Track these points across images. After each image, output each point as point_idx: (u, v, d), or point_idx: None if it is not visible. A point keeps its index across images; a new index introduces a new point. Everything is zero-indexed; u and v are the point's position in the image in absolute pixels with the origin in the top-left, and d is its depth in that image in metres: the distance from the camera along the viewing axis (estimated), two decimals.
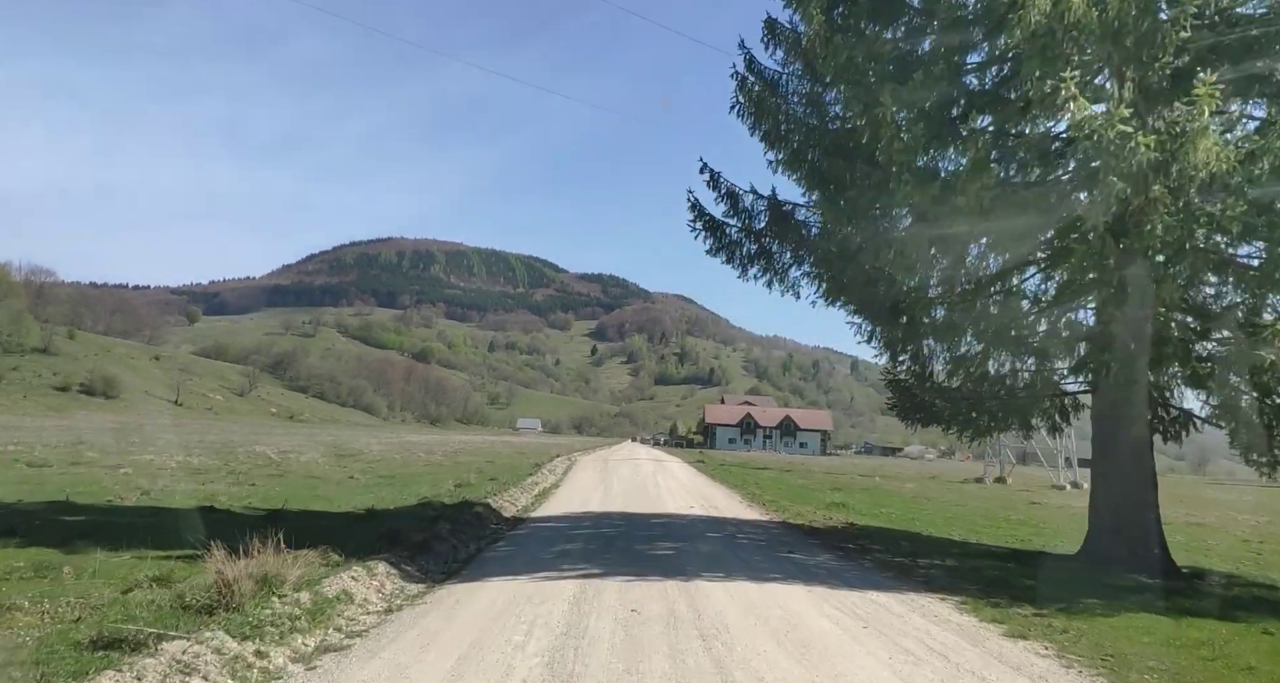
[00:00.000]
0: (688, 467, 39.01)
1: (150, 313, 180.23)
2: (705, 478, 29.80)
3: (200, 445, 30.12)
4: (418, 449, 37.32)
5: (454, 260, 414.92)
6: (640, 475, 28.83)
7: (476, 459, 30.30)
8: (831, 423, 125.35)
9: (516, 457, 34.32)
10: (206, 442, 34.09)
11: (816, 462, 61.93)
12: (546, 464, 28.78)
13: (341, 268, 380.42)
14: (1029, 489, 35.14)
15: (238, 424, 76.77)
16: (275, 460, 23.21)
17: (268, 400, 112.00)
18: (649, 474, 29.91)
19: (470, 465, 24.94)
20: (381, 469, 22.69)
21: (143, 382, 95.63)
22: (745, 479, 28.53)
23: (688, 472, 34.02)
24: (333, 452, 30.17)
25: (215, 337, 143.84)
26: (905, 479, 37.84)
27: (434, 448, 39.74)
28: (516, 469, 24.72)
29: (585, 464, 35.23)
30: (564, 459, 36.14)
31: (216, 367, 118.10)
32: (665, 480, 26.78)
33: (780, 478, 31.63)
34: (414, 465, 25.15)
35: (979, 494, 29.72)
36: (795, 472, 39.15)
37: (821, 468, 47.59)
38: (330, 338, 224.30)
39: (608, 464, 36.33)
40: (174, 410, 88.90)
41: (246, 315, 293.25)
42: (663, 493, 21.43)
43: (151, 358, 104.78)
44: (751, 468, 40.70)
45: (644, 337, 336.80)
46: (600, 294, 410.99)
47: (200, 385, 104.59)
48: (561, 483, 22.94)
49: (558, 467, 29.79)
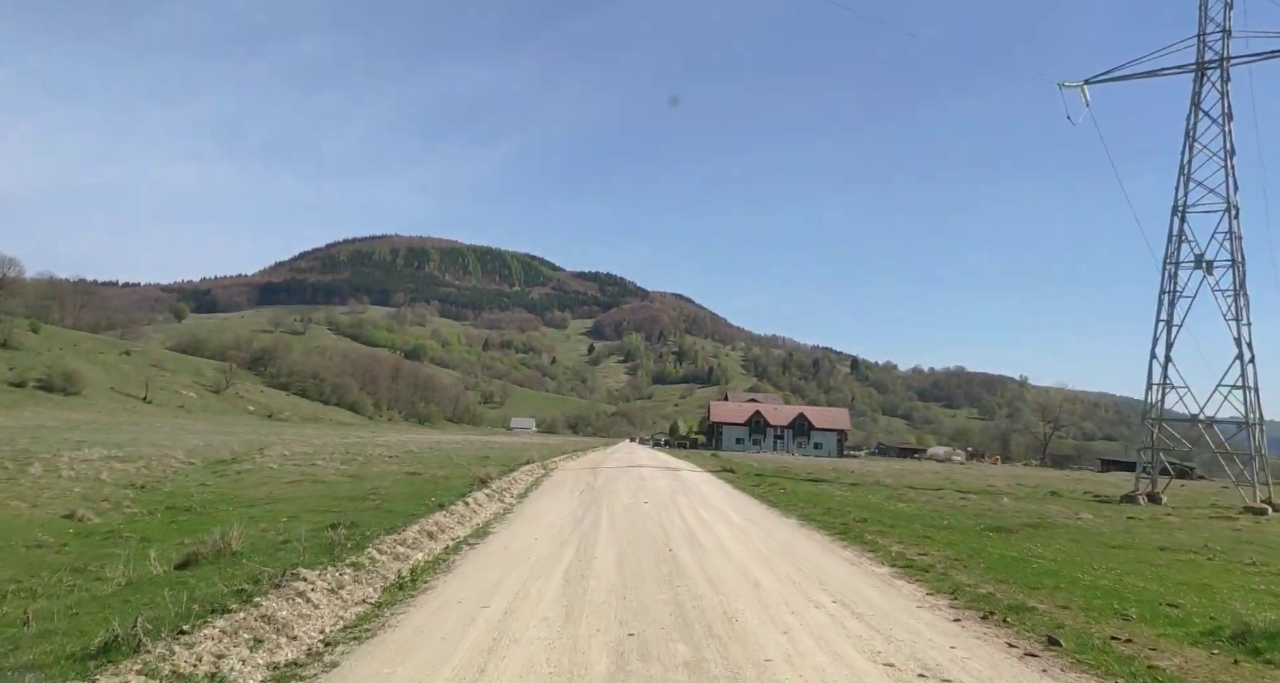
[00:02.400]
0: (714, 480, 26.75)
1: (125, 308, 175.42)
2: (762, 505, 17.80)
3: (126, 445, 25.40)
4: (352, 452, 28.60)
5: (449, 258, 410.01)
6: (654, 507, 16.29)
7: (395, 471, 20.54)
8: (849, 422, 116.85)
9: (470, 465, 23.91)
10: (134, 441, 29.14)
11: (849, 466, 51.30)
12: (498, 479, 18.59)
13: (335, 265, 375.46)
14: (1215, 511, 23.91)
15: (205, 422, 71.95)
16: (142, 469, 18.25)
17: (246, 398, 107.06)
18: (666, 501, 17.58)
19: (367, 489, 15.60)
20: (190, 496, 14.02)
21: (110, 378, 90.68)
22: (828, 507, 17.24)
23: (722, 491, 21.63)
24: (225, 457, 24.17)
25: (196, 333, 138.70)
26: (1020, 499, 24.35)
27: (371, 452, 29.44)
28: (439, 490, 15.26)
29: (563, 480, 23.17)
30: (536, 468, 25.71)
31: (193, 363, 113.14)
32: (707, 525, 13.88)
33: (866, 500, 20.15)
34: (275, 484, 16.39)
35: (1180, 527, 17.87)
36: (864, 484, 27.56)
37: (876, 477, 33.85)
38: (321, 335, 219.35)
39: (598, 478, 24.34)
40: (142, 408, 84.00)
41: (237, 313, 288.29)
42: (736, 588, 8.32)
43: (122, 353, 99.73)
44: (798, 478, 28.98)
45: (641, 335, 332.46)
46: (597, 293, 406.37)
47: (173, 382, 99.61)
48: (488, 536, 11.40)
49: (515, 484, 19.14)
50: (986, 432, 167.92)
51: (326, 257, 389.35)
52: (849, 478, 31.98)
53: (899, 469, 48.44)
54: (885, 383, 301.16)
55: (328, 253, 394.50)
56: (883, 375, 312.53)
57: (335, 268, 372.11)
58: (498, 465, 23.52)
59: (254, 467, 20.02)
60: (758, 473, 31.88)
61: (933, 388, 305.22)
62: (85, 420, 55.90)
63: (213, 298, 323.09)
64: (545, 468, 27.60)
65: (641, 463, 37.84)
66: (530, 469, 24.58)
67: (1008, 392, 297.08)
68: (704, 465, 38.33)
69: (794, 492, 21.95)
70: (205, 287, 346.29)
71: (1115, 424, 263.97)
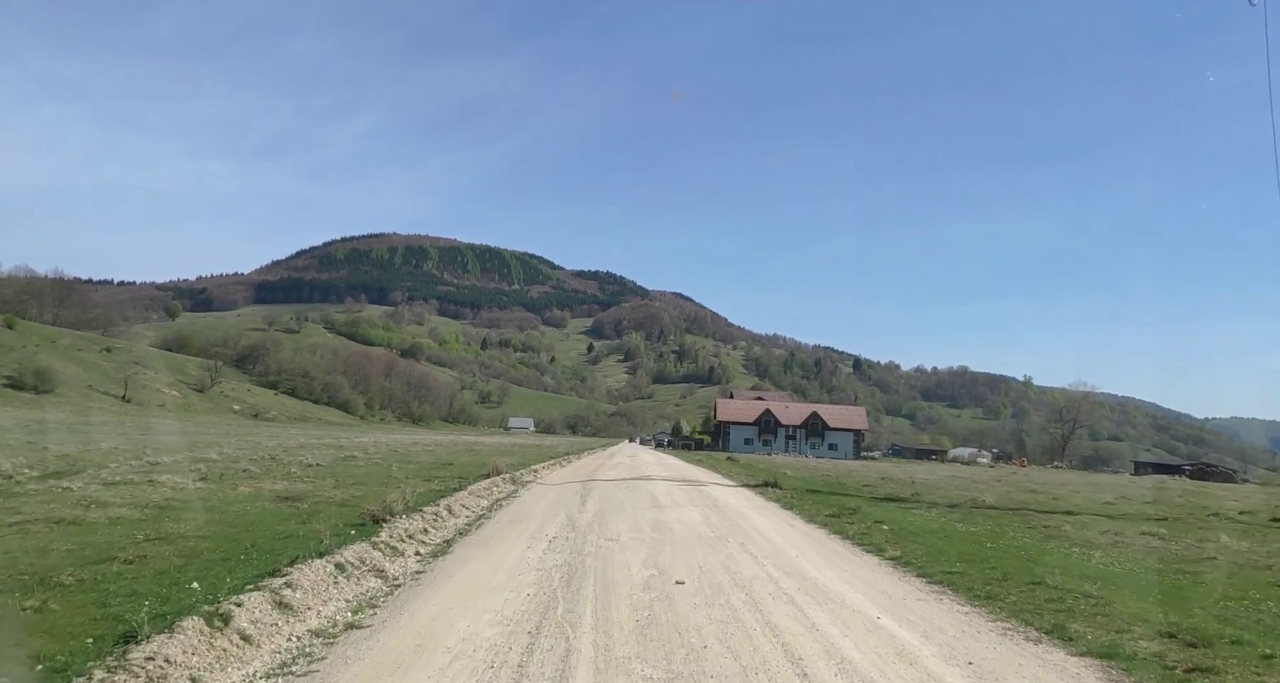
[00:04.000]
0: (760, 502, 18.15)
1: (116, 305, 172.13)
2: (890, 570, 9.71)
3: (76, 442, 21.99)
4: (277, 458, 21.31)
5: (448, 257, 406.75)
6: (696, 589, 8.03)
7: (269, 492, 13.32)
8: (866, 422, 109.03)
9: (413, 478, 17.49)
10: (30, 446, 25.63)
11: (890, 471, 41.69)
12: (430, 505, 12.46)
13: (332, 264, 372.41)
14: None
15: (181, 422, 68.43)
16: None
17: (232, 397, 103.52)
18: (717, 570, 9.17)
19: (114, 544, 8.40)
20: None
21: (89, 376, 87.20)
22: (1027, 581, 8.90)
23: (793, 531, 13.35)
24: (61, 468, 20.50)
25: (183, 331, 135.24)
26: (1192, 526, 16.51)
27: (300, 458, 21.98)
28: (266, 551, 8.28)
29: (534, 505, 15.45)
30: (503, 482, 18.84)
31: (178, 360, 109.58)
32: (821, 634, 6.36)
33: (1022, 542, 12.55)
34: (112, 510, 10.48)
35: None
36: (958, 505, 19.00)
37: (951, 490, 25.13)
38: (316, 333, 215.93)
39: (588, 501, 16.40)
40: (119, 407, 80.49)
41: (232, 311, 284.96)
42: None
43: (102, 350, 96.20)
44: (863, 494, 21.26)
45: (641, 334, 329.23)
46: (597, 291, 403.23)
47: (155, 380, 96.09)
48: None
49: (453, 515, 12.61)
50: (999, 432, 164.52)
51: (324, 255, 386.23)
52: (926, 493, 22.87)
53: (949, 475, 38.49)
54: (888, 383, 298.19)
55: (325, 251, 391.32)
56: (885, 375, 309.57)
57: (333, 266, 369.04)
58: (453, 478, 17.56)
59: (41, 489, 12.32)
60: (809, 487, 23.21)
61: (936, 388, 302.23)
62: (48, 419, 52.48)
63: (208, 296, 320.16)
64: (517, 482, 20.22)
65: (650, 472, 28.86)
66: (492, 485, 17.51)
67: (1012, 391, 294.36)
68: (729, 474, 29.63)
69: (901, 527, 13.46)
70: (201, 285, 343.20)
71: (1122, 424, 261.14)
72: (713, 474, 29.98)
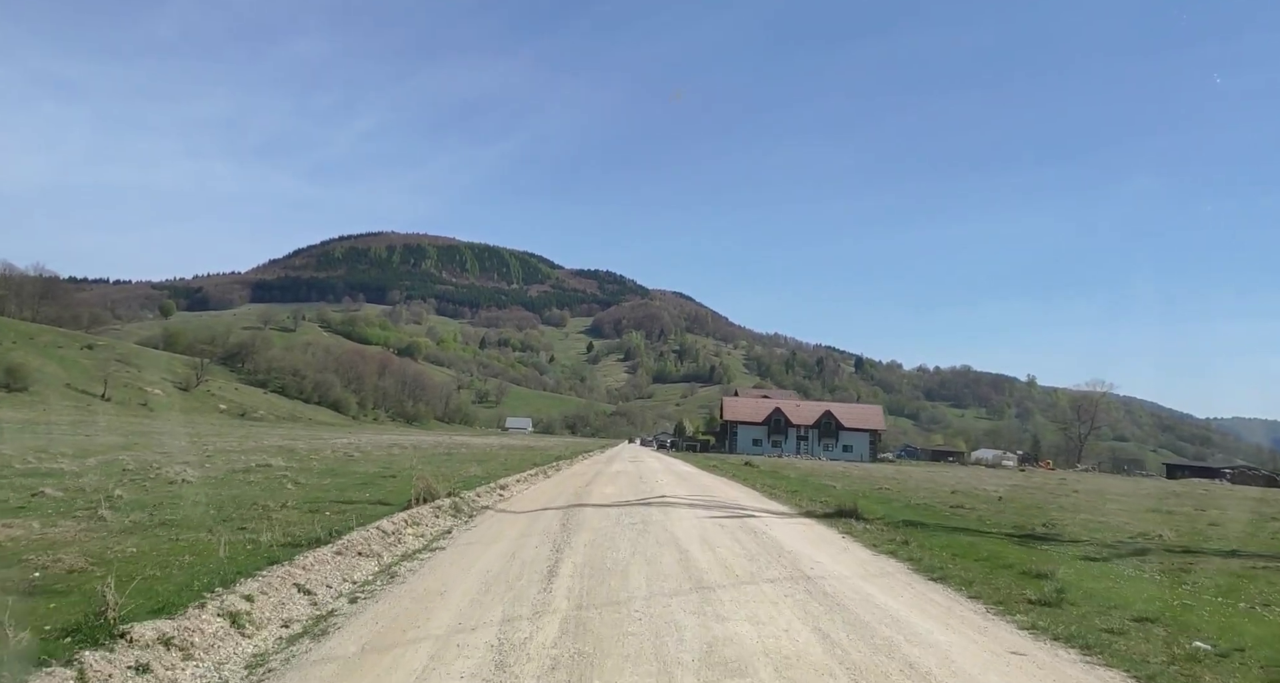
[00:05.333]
0: (853, 548, 11.07)
1: (111, 303, 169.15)
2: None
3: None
4: (173, 468, 15.30)
5: (447, 256, 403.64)
6: None
7: None
8: (882, 421, 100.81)
9: (352, 488, 13.97)
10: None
11: (928, 477, 36.77)
12: (336, 543, 8.06)
13: (330, 263, 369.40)
14: None
15: (161, 421, 65.36)
16: None
17: (218, 395, 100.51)
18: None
19: None
20: None
21: (68, 374, 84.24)
22: None
23: (971, 636, 6.12)
24: None
25: (170, 328, 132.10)
26: None
27: (222, 459, 19.25)
28: None
29: (451, 578, 7.61)
30: (433, 518, 11.37)
31: (164, 358, 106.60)
32: None
33: None
34: None
35: None
36: (1066, 533, 13.92)
37: (1035, 508, 19.93)
38: (312, 332, 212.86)
39: (565, 545, 10.01)
40: (97, 406, 77.39)
41: (228, 310, 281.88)
42: None
43: (84, 347, 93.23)
44: (973, 527, 14.21)
45: (642, 334, 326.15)
46: (597, 290, 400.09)
47: (139, 379, 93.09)
48: None
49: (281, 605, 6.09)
50: (1013, 432, 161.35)
51: (322, 254, 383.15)
52: (1060, 523, 15.83)
53: (1011, 485, 32.81)
54: (891, 382, 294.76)
55: (323, 250, 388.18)
56: (888, 375, 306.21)
57: (330, 265, 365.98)
58: (367, 503, 11.72)
59: None
60: (897, 513, 15.87)
61: (939, 387, 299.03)
62: (8, 418, 49.47)
63: (205, 296, 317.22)
64: (463, 510, 12.88)
65: (663, 488, 20.64)
66: (405, 526, 10.26)
67: (1015, 391, 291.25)
68: (768, 490, 21.79)
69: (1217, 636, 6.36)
70: (197, 285, 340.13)
71: (1127, 425, 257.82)
72: (745, 491, 21.63)
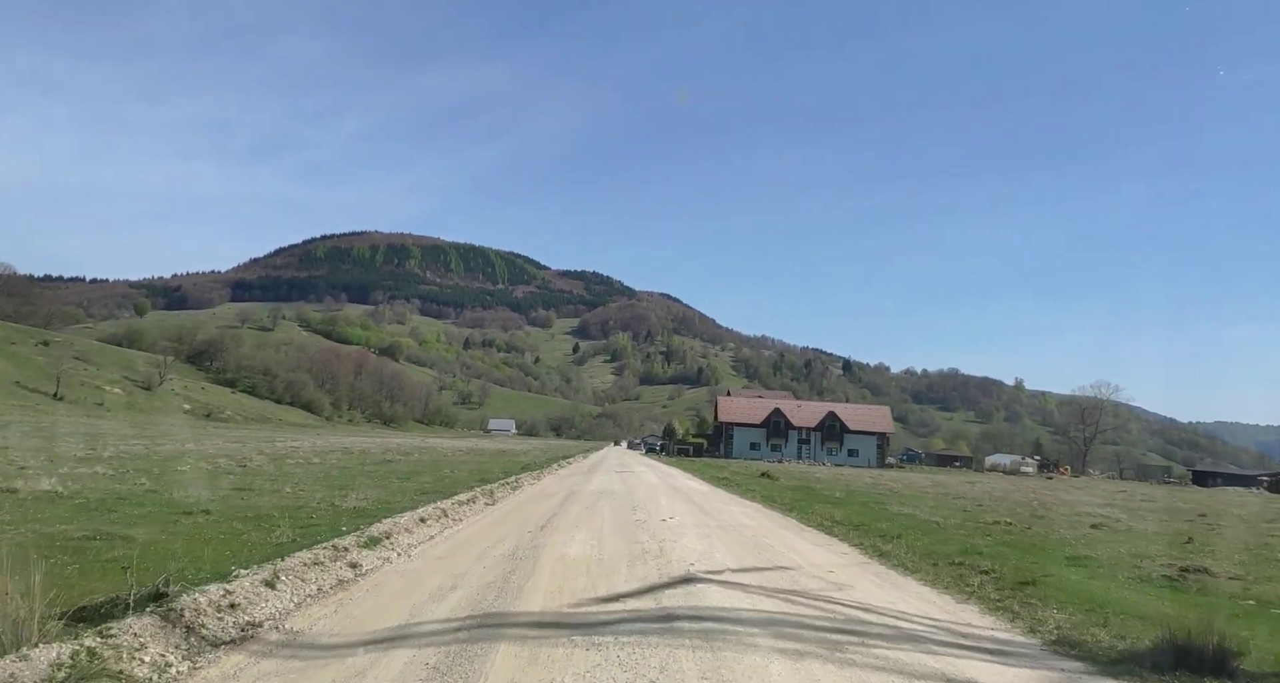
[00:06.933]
0: None
1: (79, 301, 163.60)
2: None
3: None
4: None
5: (431, 256, 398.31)
6: None
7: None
8: (891, 424, 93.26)
9: None
10: None
11: (983, 490, 31.69)
12: None
13: (312, 262, 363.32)
14: None
15: (114, 422, 61.02)
16: None
17: (182, 395, 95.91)
18: None
19: None
20: None
21: (18, 371, 79.53)
22: None
23: None
24: None
25: (134, 326, 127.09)
26: None
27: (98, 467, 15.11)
28: None
29: None
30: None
31: (126, 356, 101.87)
32: None
33: None
34: None
35: None
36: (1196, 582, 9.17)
37: (1123, 533, 15.11)
38: (291, 331, 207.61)
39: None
40: (48, 406, 72.79)
41: (207, 309, 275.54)
42: None
43: (38, 344, 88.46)
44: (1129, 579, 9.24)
45: (628, 335, 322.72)
46: (583, 291, 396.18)
47: (97, 377, 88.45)
48: None
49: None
50: (1014, 436, 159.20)
51: (304, 253, 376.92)
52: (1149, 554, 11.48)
53: (1124, 496, 31.47)
54: (878, 385, 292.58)
55: (305, 250, 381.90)
56: (875, 377, 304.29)
57: (312, 265, 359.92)
58: None
59: None
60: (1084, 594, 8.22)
61: (927, 390, 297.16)
62: None
63: (183, 294, 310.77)
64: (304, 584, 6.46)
65: (676, 536, 11.29)
66: None
67: (1004, 394, 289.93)
68: (857, 540, 11.95)
69: None
70: (176, 283, 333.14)
71: (1117, 429, 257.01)
72: (808, 535, 12.75)
